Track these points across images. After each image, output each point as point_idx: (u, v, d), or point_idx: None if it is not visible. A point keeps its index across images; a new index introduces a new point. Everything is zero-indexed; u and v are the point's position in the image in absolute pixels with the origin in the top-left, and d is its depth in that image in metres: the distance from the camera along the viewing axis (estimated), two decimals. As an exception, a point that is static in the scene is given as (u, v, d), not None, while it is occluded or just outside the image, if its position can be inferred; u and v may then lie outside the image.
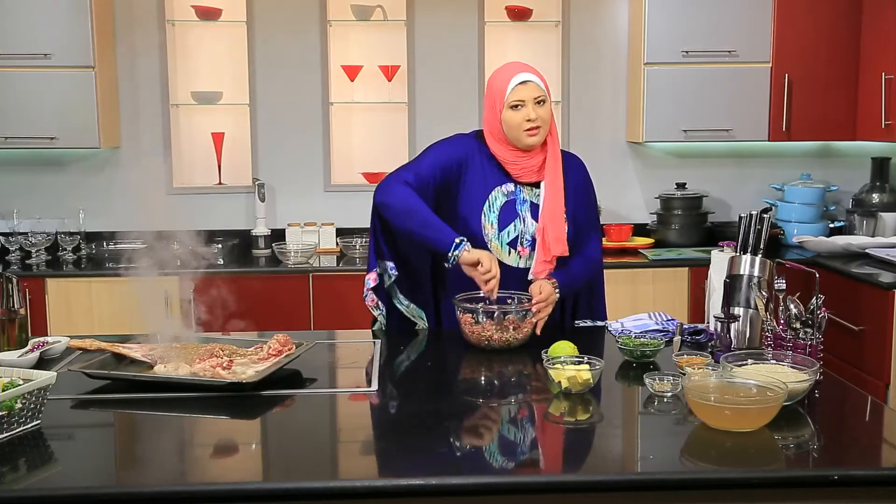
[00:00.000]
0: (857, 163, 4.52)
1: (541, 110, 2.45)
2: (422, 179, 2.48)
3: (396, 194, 2.45)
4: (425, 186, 2.48)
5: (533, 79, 2.46)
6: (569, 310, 2.68)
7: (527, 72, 2.48)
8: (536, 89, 2.45)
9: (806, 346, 2.03)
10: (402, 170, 2.52)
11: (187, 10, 4.33)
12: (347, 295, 3.86)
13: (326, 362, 2.40)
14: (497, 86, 2.49)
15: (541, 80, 2.49)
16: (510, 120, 2.45)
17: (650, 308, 3.14)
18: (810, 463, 1.71)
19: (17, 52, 3.99)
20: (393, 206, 2.46)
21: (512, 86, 2.45)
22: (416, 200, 2.43)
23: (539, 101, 2.45)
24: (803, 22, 4.15)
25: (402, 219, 2.45)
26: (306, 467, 1.67)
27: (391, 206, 2.46)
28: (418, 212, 2.42)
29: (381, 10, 4.37)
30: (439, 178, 2.50)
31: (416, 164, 2.53)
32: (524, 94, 2.44)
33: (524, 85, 2.44)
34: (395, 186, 2.46)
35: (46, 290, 3.90)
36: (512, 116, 2.45)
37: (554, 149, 2.52)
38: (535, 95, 2.44)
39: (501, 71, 2.53)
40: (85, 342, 2.25)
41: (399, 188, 2.45)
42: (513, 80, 2.45)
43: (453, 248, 2.38)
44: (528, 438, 1.86)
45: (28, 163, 4.38)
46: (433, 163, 2.51)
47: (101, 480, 1.62)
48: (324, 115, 4.45)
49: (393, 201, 2.45)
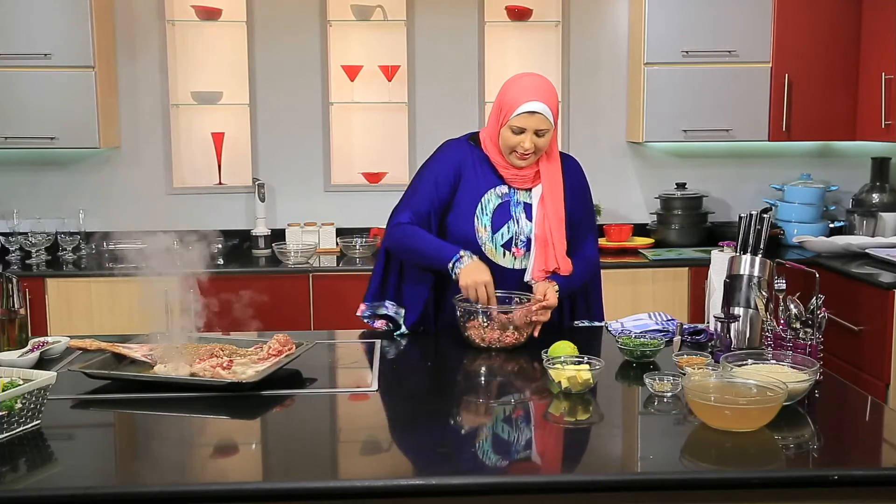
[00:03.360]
0: (857, 163, 4.52)
1: (539, 140, 2.45)
2: (419, 213, 2.53)
3: (395, 238, 2.54)
4: (425, 219, 2.53)
5: (541, 110, 2.42)
6: (567, 310, 2.68)
7: (539, 101, 2.42)
8: (541, 122, 2.43)
9: (806, 346, 2.04)
10: (399, 207, 2.57)
11: (187, 10, 4.33)
12: (347, 295, 3.86)
13: (326, 362, 2.40)
14: (507, 101, 2.46)
15: (550, 109, 2.44)
16: (507, 140, 2.47)
17: (650, 308, 3.14)
18: (810, 463, 1.71)
19: (17, 52, 3.99)
20: (395, 248, 2.56)
21: (519, 111, 2.42)
22: (413, 235, 2.49)
23: (540, 133, 2.44)
24: (803, 22, 4.15)
25: (407, 256, 2.55)
26: (306, 467, 1.67)
27: (394, 249, 2.57)
28: (415, 247, 2.49)
29: (381, 10, 4.37)
30: (436, 202, 2.54)
31: (411, 198, 2.56)
32: (527, 124, 2.43)
33: (530, 115, 2.42)
34: (393, 230, 2.54)
35: (46, 290, 3.90)
36: (509, 138, 2.46)
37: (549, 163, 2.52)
38: (538, 128, 2.43)
39: (518, 86, 2.47)
40: (85, 342, 2.25)
41: (396, 231, 2.53)
42: (522, 107, 2.42)
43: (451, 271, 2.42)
44: (528, 438, 1.86)
45: (28, 163, 4.38)
46: (428, 190, 2.54)
47: (101, 480, 1.62)
48: (324, 115, 4.45)
49: (394, 245, 2.55)
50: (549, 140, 2.47)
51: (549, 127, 2.44)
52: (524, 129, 2.43)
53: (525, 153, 2.45)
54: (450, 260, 2.41)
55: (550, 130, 2.46)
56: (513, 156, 2.48)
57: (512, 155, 2.48)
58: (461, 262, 2.40)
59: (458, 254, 2.41)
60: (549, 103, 2.44)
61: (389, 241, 2.56)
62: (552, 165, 2.53)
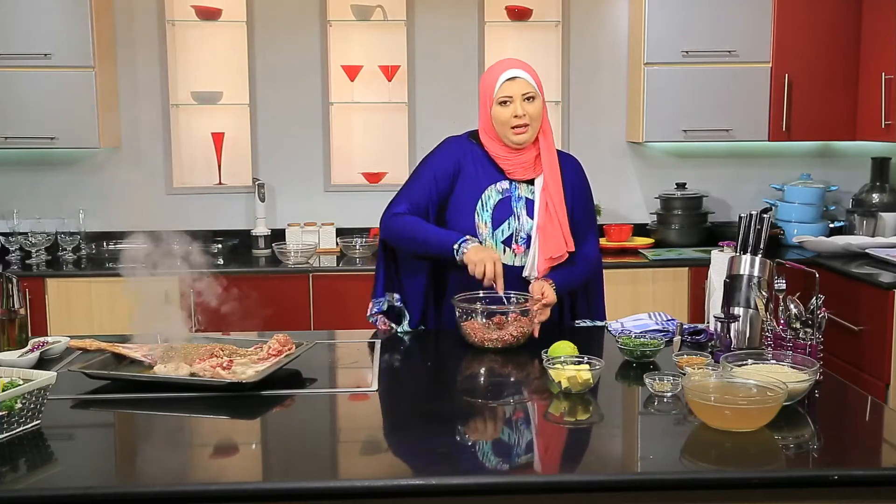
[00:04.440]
0: (857, 163, 4.52)
1: (529, 106, 2.45)
2: (416, 205, 2.52)
3: (393, 227, 2.52)
4: (423, 210, 2.52)
5: (521, 75, 2.46)
6: (568, 310, 2.68)
7: (516, 68, 2.48)
8: (525, 85, 2.45)
9: (806, 346, 2.04)
10: (397, 198, 2.56)
11: (187, 10, 4.33)
12: (347, 295, 3.86)
13: (326, 362, 2.40)
14: (487, 82, 2.50)
15: (531, 75, 2.48)
16: (498, 116, 2.46)
17: (650, 308, 3.14)
18: (810, 463, 1.71)
19: (17, 52, 3.99)
20: (393, 238, 2.54)
21: (500, 82, 2.45)
22: (413, 225, 2.48)
23: (528, 97, 2.45)
24: (803, 22, 4.15)
25: (407, 245, 2.52)
26: (306, 467, 1.67)
27: (392, 239, 2.54)
28: (416, 236, 2.48)
29: (381, 10, 4.37)
30: (435, 195, 2.54)
31: (409, 189, 2.56)
32: (512, 90, 2.44)
33: (512, 81, 2.44)
34: (391, 220, 2.52)
35: (46, 290, 3.90)
36: (500, 112, 2.46)
37: (547, 145, 2.52)
38: (524, 91, 2.44)
39: (492, 68, 2.54)
40: (85, 342, 2.25)
41: (395, 221, 2.51)
42: (501, 77, 2.45)
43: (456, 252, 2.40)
44: (528, 438, 1.86)
45: (28, 163, 4.38)
46: (426, 182, 2.54)
47: (101, 480, 1.62)
48: (324, 115, 4.45)
49: (392, 235, 2.53)
50: (539, 108, 2.47)
51: (533, 91, 2.45)
52: (511, 97, 2.44)
53: (520, 123, 2.44)
54: (455, 242, 2.41)
55: (538, 97, 2.47)
56: (510, 131, 2.46)
57: (509, 131, 2.46)
58: (467, 243, 2.40)
59: (465, 237, 2.42)
60: (526, 70, 2.48)
61: (387, 231, 2.54)
62: (549, 146, 2.53)
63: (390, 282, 2.63)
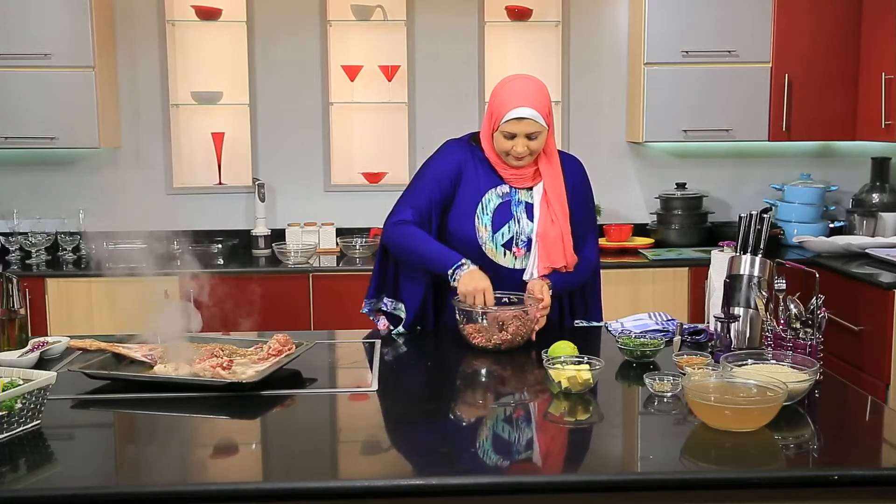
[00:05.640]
0: (857, 163, 4.52)
1: (532, 143, 2.45)
2: (419, 209, 2.51)
3: (395, 237, 2.51)
4: (426, 216, 2.52)
5: (530, 115, 2.40)
6: (567, 309, 2.68)
7: (528, 106, 2.41)
8: (531, 126, 2.42)
9: (806, 346, 2.04)
10: (400, 204, 2.56)
11: (187, 10, 4.33)
12: (347, 295, 3.86)
13: (326, 362, 2.40)
14: (496, 107, 2.46)
15: (540, 112, 2.42)
16: (500, 143, 2.48)
17: (650, 308, 3.14)
18: (810, 463, 1.71)
19: (17, 52, 3.99)
20: (393, 247, 2.53)
21: (507, 118, 2.42)
22: (414, 238, 2.47)
23: (532, 136, 2.44)
24: (803, 22, 4.15)
25: (406, 256, 2.53)
26: (306, 467, 1.67)
27: (393, 248, 2.54)
28: (415, 250, 2.47)
29: (381, 10, 4.37)
30: (437, 199, 2.53)
31: (412, 194, 2.55)
32: (517, 130, 2.43)
33: (519, 121, 2.41)
34: (393, 228, 2.51)
35: (46, 290, 3.90)
36: (502, 142, 2.47)
37: (549, 159, 2.52)
38: (529, 132, 2.43)
39: (507, 91, 2.46)
40: (85, 342, 2.25)
41: (397, 230, 2.50)
42: (510, 114, 2.41)
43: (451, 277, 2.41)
44: (528, 438, 1.86)
45: (28, 163, 4.38)
46: (429, 186, 2.53)
47: (101, 480, 1.62)
48: (324, 115, 4.45)
49: (393, 243, 2.53)
50: (542, 142, 2.47)
51: (539, 130, 2.44)
52: (515, 134, 2.43)
53: (519, 157, 2.46)
54: (451, 266, 2.41)
55: (543, 132, 2.45)
56: (508, 157, 2.49)
57: (508, 157, 2.49)
58: (462, 269, 2.40)
59: (461, 261, 2.41)
60: (538, 107, 2.42)
61: (389, 239, 2.54)
62: (552, 164, 2.53)
63: (383, 284, 2.63)
